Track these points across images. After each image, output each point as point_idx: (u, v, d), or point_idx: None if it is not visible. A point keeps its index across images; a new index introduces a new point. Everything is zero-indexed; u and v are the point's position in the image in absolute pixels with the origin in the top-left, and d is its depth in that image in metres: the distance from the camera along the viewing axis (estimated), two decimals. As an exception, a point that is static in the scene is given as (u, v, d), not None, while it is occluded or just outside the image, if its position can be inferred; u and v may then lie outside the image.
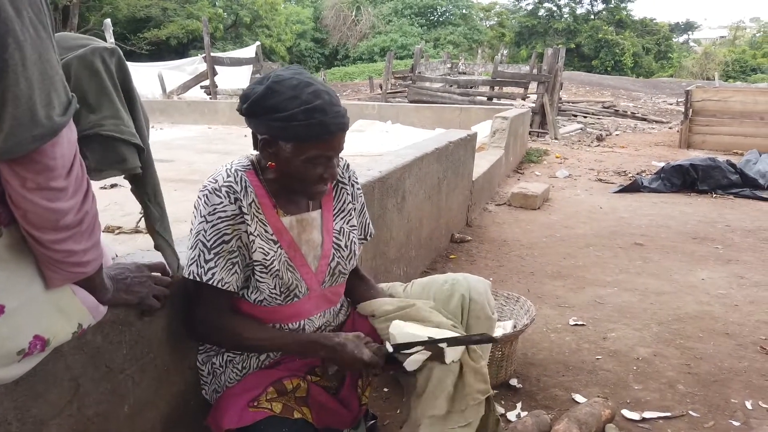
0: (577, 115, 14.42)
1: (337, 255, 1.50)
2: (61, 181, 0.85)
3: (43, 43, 0.80)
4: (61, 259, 0.92)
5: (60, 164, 0.84)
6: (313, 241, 1.46)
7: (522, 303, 2.44)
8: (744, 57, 41.05)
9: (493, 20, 45.85)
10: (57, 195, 0.85)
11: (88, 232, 0.94)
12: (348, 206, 1.55)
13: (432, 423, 1.42)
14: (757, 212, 5.41)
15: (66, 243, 0.91)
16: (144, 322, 1.29)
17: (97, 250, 0.98)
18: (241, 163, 1.40)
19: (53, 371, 1.08)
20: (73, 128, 0.87)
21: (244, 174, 1.37)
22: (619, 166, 7.99)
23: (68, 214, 0.88)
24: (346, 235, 1.52)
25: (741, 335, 2.73)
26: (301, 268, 1.43)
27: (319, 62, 36.23)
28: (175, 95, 13.96)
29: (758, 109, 9.45)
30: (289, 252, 1.41)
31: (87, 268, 0.98)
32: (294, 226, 1.43)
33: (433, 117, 10.39)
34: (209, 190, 1.33)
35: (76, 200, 0.89)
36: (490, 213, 5.13)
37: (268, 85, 1.28)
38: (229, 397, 1.37)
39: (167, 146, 8.33)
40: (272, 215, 1.40)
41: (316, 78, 1.35)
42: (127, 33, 24.67)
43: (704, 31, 58.00)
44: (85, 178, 0.91)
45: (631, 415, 2.03)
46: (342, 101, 1.35)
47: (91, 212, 0.93)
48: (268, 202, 1.39)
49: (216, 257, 1.33)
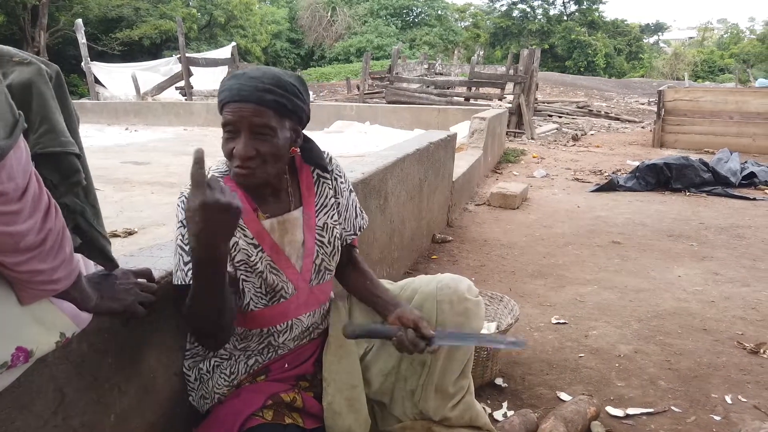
0: (552, 115, 14.61)
1: (321, 252, 1.48)
2: (13, 204, 0.80)
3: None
4: (27, 279, 0.89)
5: (10, 188, 0.79)
6: (296, 241, 1.44)
7: (506, 302, 2.45)
8: (712, 57, 42.07)
9: (468, 21, 46.18)
10: (12, 218, 0.81)
11: (54, 250, 0.90)
12: (330, 201, 1.51)
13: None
14: (730, 210, 5.53)
15: (30, 263, 0.87)
16: (129, 330, 1.27)
17: (68, 266, 0.95)
18: (219, 169, 1.39)
19: (38, 382, 1.05)
20: (23, 147, 0.82)
21: (221, 180, 1.33)
22: (595, 165, 8.11)
23: (27, 235, 0.84)
24: (330, 231, 1.50)
25: (718, 331, 2.79)
26: (286, 270, 1.41)
27: (295, 63, 36.07)
28: (149, 96, 13.75)
29: (728, 108, 9.69)
30: (272, 255, 1.39)
31: (58, 285, 0.95)
32: (275, 229, 1.40)
33: (411, 118, 10.42)
34: (186, 196, 1.29)
35: (35, 220, 0.85)
36: (470, 213, 5.15)
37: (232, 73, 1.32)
38: (225, 413, 1.35)
39: (142, 148, 8.21)
40: (252, 219, 1.37)
41: (288, 71, 1.36)
42: (99, 33, 24.24)
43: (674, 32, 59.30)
44: (43, 195, 0.87)
45: (616, 412, 2.06)
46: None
47: (55, 229, 0.89)
48: (247, 206, 1.36)
49: None
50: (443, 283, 1.56)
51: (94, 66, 15.11)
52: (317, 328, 1.53)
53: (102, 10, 24.17)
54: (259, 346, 1.45)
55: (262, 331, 1.43)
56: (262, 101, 1.25)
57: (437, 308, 1.53)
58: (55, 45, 23.06)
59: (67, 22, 20.73)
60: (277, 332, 1.44)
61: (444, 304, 1.54)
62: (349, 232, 1.58)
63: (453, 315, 1.54)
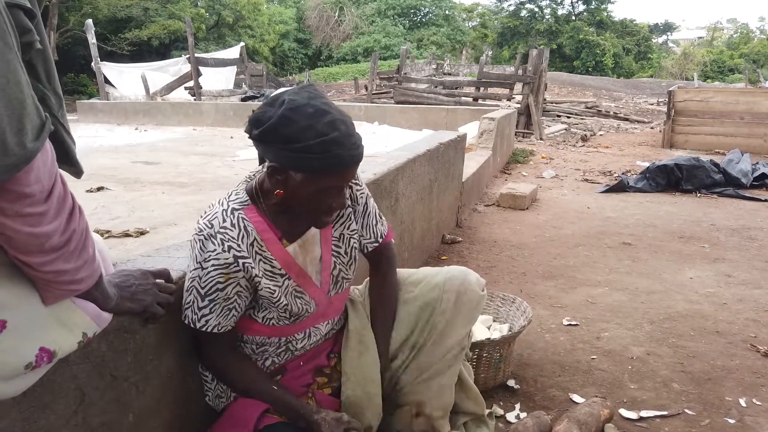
0: (560, 116, 14.55)
1: (338, 262, 1.47)
2: (39, 206, 0.81)
3: (10, 65, 0.75)
4: (51, 279, 0.90)
5: (37, 189, 0.80)
6: (315, 257, 1.43)
7: (518, 304, 2.45)
8: (722, 57, 41.78)
9: (476, 21, 46.09)
10: (38, 220, 0.82)
11: (77, 250, 0.91)
12: (346, 210, 1.49)
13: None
14: (741, 211, 5.49)
15: (54, 264, 0.88)
16: (148, 330, 1.28)
17: (90, 266, 0.96)
18: (238, 199, 1.33)
19: (59, 381, 1.06)
20: (49, 149, 0.83)
21: (241, 213, 1.31)
22: (605, 166, 8.07)
23: (52, 236, 0.85)
24: (346, 241, 1.48)
25: (731, 333, 2.77)
26: (309, 289, 1.41)
27: (302, 63, 36.11)
28: (158, 96, 13.82)
29: (739, 109, 9.62)
30: (298, 280, 1.38)
31: (81, 285, 0.96)
32: (298, 253, 1.39)
33: (420, 118, 10.41)
34: (204, 236, 1.28)
35: (60, 221, 0.86)
36: (479, 214, 5.15)
37: (282, 113, 1.19)
38: (240, 410, 1.36)
39: (152, 148, 8.25)
40: (278, 249, 1.35)
41: (331, 103, 1.27)
42: (108, 33, 24.33)
43: (683, 31, 58.92)
44: (68, 197, 0.88)
45: (629, 415, 2.05)
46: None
47: (78, 230, 0.90)
48: (272, 236, 1.34)
49: (211, 304, 1.30)
50: (451, 274, 1.58)
51: (104, 66, 15.20)
52: (333, 330, 1.53)
53: (111, 10, 24.25)
54: (277, 350, 1.46)
55: (281, 339, 1.44)
56: (362, 158, 1.28)
57: (442, 297, 1.55)
58: (64, 45, 23.16)
59: (76, 23, 20.80)
60: (296, 340, 1.46)
61: (449, 294, 1.56)
62: (369, 239, 1.55)
63: (455, 305, 1.57)
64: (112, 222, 4.07)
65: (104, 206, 4.54)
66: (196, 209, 4.53)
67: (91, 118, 12.58)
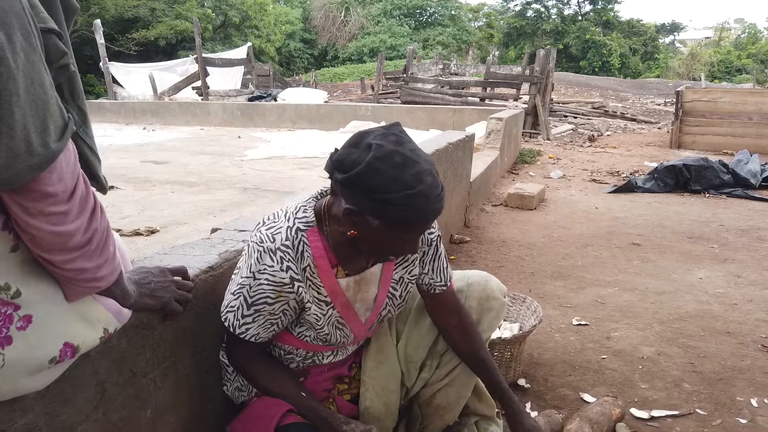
0: (567, 116, 14.52)
1: (389, 304, 1.45)
2: (62, 205, 0.83)
3: (35, 67, 0.76)
4: (73, 276, 0.92)
5: (60, 189, 0.82)
6: (369, 297, 1.40)
7: (529, 303, 2.46)
8: (729, 58, 41.55)
9: (482, 21, 46.00)
10: (61, 219, 0.84)
11: (99, 249, 0.93)
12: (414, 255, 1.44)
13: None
14: (750, 211, 5.47)
15: (77, 262, 0.90)
16: (166, 326, 1.29)
17: (111, 264, 0.97)
18: (305, 218, 1.29)
19: (80, 377, 1.08)
20: (72, 149, 0.84)
21: (304, 234, 1.28)
22: (612, 166, 8.05)
23: (75, 235, 0.87)
24: (404, 285, 1.45)
25: (742, 334, 2.76)
26: (351, 323, 1.40)
27: (308, 63, 36.16)
28: (166, 96, 13.87)
29: (747, 109, 9.57)
30: (342, 311, 1.37)
31: (102, 283, 0.97)
32: (350, 287, 1.36)
33: (427, 118, 10.40)
34: (264, 249, 1.25)
35: (82, 220, 0.87)
36: (487, 214, 5.15)
37: (370, 161, 1.13)
38: (262, 408, 1.37)
39: (160, 148, 8.28)
40: (328, 277, 1.32)
41: (418, 149, 1.19)
42: (115, 33, 24.45)
43: (690, 32, 58.61)
44: (90, 196, 0.90)
45: (640, 414, 2.05)
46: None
47: (100, 229, 0.92)
48: (326, 263, 1.31)
49: (256, 314, 1.29)
50: (473, 280, 1.58)
51: (111, 66, 15.26)
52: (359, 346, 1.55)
53: (118, 10, 24.37)
54: (303, 360, 1.47)
55: (308, 352, 1.45)
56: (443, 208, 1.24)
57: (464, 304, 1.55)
58: (72, 45, 23.29)
59: (84, 23, 20.88)
60: (323, 356, 1.47)
61: (471, 300, 1.57)
62: (439, 282, 1.48)
63: (477, 313, 1.57)
64: (122, 221, 4.09)
65: (114, 205, 4.56)
66: (206, 208, 4.55)
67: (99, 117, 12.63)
